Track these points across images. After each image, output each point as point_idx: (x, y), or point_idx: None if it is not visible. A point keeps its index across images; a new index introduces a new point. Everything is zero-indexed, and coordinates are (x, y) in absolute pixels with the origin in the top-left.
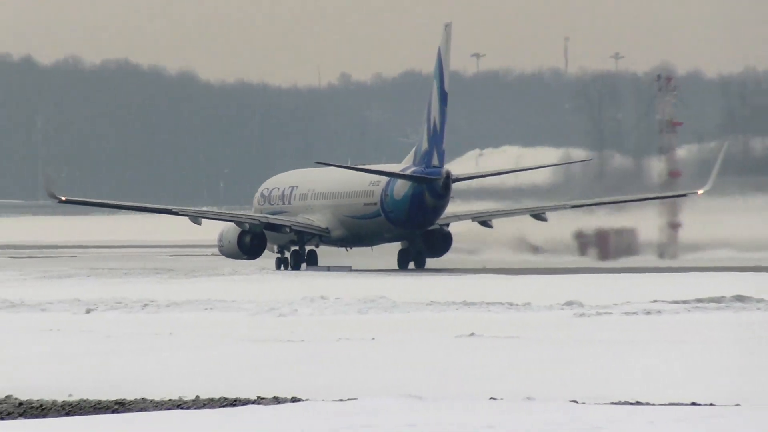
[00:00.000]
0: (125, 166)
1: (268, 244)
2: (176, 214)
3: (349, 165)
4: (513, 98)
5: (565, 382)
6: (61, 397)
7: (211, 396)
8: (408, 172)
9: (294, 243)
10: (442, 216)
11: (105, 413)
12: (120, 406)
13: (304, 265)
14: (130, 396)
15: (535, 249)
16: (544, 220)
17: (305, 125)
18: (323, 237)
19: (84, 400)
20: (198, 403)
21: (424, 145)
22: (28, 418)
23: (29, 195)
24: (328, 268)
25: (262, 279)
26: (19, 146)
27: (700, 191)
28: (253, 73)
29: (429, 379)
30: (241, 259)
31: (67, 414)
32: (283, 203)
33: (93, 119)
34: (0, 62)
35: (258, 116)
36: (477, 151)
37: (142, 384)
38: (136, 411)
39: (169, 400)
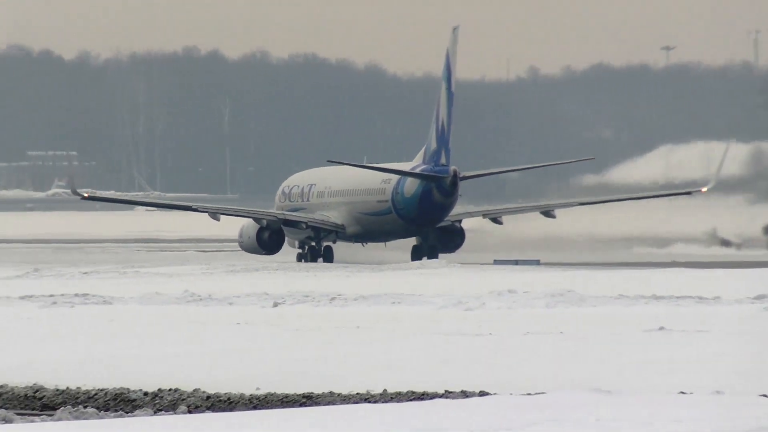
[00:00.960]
0: (309, 161)
1: (288, 240)
2: (196, 210)
3: (363, 164)
4: (701, 92)
5: (755, 376)
6: (248, 391)
7: (398, 390)
8: (417, 171)
9: (311, 239)
10: (455, 213)
11: (292, 407)
12: (307, 400)
13: (320, 260)
14: (317, 390)
15: (726, 243)
16: (553, 217)
17: (496, 119)
18: (339, 233)
19: (271, 394)
20: (385, 397)
21: (433, 145)
22: (216, 411)
23: (219, 189)
24: (516, 262)
25: (449, 273)
26: (205, 140)
27: (704, 189)
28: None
29: (617, 374)
30: (260, 254)
31: (255, 407)
32: (302, 200)
33: (278, 114)
34: (187, 56)
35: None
36: (669, 146)
37: (329, 377)
38: (324, 405)
39: (357, 393)
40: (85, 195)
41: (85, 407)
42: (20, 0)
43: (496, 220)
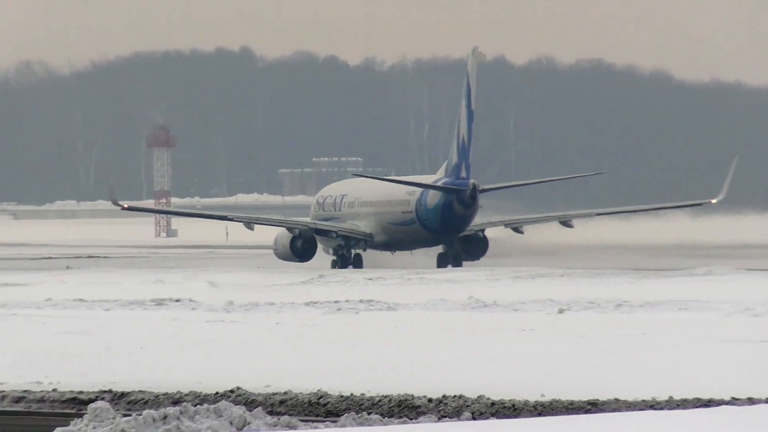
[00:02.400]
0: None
1: (323, 247)
2: (231, 219)
3: (386, 177)
4: None
5: None
6: (533, 398)
7: (684, 396)
8: (439, 184)
9: (341, 247)
10: (478, 222)
11: (577, 413)
12: (592, 407)
13: (350, 267)
14: (602, 396)
15: None
16: (571, 226)
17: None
18: (368, 242)
19: (556, 401)
20: (671, 404)
21: (454, 159)
22: (501, 417)
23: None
24: None
25: (736, 278)
26: (491, 145)
27: (714, 200)
28: (728, 72)
29: None
30: (294, 261)
31: (539, 414)
32: (335, 210)
33: (565, 120)
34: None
35: (730, 117)
36: None
37: (614, 384)
38: (609, 411)
39: (642, 400)
40: (125, 206)
41: (368, 414)
42: (306, 7)
43: (517, 230)
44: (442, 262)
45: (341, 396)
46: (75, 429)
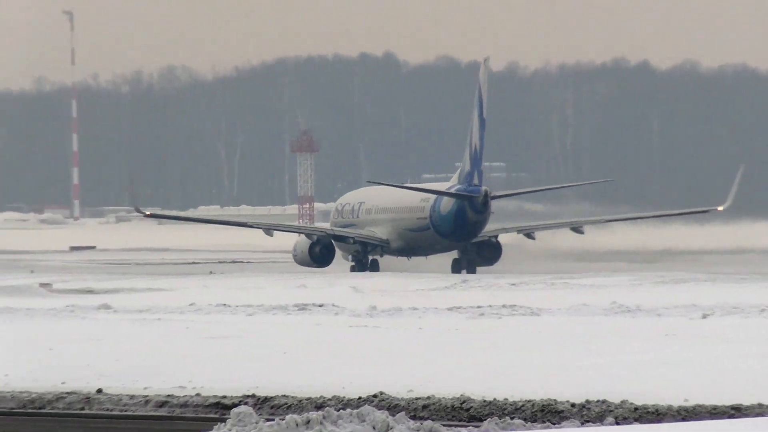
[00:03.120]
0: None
1: (342, 253)
2: (251, 226)
3: (400, 184)
4: None
5: None
6: (676, 402)
7: None
8: (452, 191)
9: (359, 253)
10: (492, 228)
11: (721, 418)
12: (736, 411)
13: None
14: (746, 401)
15: None
16: (582, 232)
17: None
18: (384, 247)
19: (700, 405)
20: None
21: (467, 166)
22: (644, 422)
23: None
24: None
25: None
26: (634, 149)
27: (720, 207)
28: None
29: None
30: (312, 266)
31: (683, 419)
32: (353, 217)
33: (710, 125)
34: (616, 67)
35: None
36: None
37: (758, 389)
38: (752, 416)
39: None
40: (147, 213)
41: (512, 418)
42: (449, 12)
43: (529, 236)
44: (456, 267)
45: (484, 401)
46: None
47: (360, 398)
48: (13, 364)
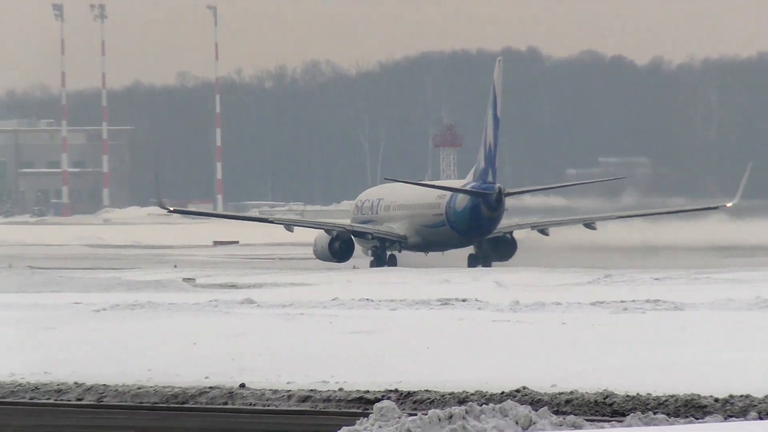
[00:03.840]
0: None
1: (362, 249)
2: (272, 222)
3: (416, 181)
4: None
5: None
6: None
7: None
8: (468, 188)
9: (377, 248)
10: (507, 225)
11: None
12: None
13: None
14: None
15: None
16: (594, 229)
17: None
18: (402, 243)
19: None
20: None
21: (482, 164)
22: None
23: None
24: None
25: None
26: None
27: (729, 204)
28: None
29: None
30: (332, 261)
31: None
32: (372, 213)
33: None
34: (760, 61)
35: None
36: None
37: None
38: None
39: None
40: (171, 209)
41: (654, 413)
42: (592, 7)
43: (543, 232)
44: (472, 262)
45: (627, 396)
46: (361, 428)
47: (503, 393)
48: (156, 359)
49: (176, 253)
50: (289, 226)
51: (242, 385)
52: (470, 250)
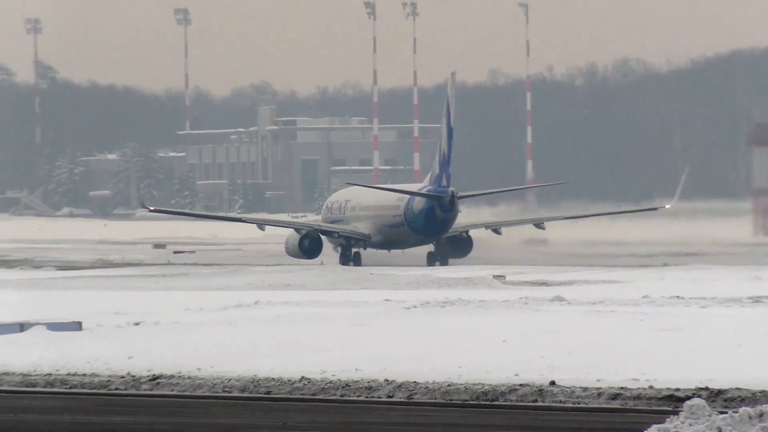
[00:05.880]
0: None
1: (333, 246)
2: (244, 221)
3: (377, 185)
4: None
5: None
6: None
7: None
8: (423, 191)
9: (343, 246)
10: (463, 224)
11: None
12: None
13: (351, 263)
14: None
15: None
16: (543, 228)
17: None
18: (366, 241)
19: None
20: None
21: (437, 170)
22: None
23: None
24: None
25: None
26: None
27: (668, 206)
28: None
29: None
30: (302, 258)
31: None
32: (340, 214)
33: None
34: None
35: None
36: None
37: None
38: None
39: None
40: (151, 208)
41: None
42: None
43: (496, 231)
44: (431, 260)
45: None
46: (671, 426)
47: None
48: (466, 356)
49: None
50: (260, 225)
51: (552, 383)
52: (429, 248)
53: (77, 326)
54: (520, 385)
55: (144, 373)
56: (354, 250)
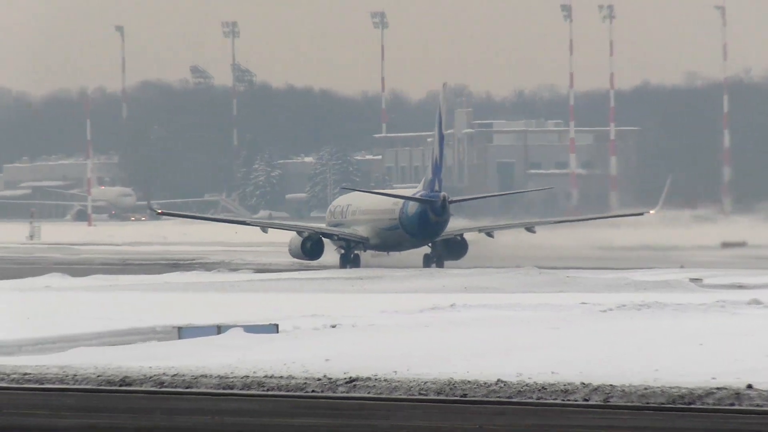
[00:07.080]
0: None
1: (336, 248)
2: (248, 224)
3: (372, 190)
4: None
5: None
6: None
7: None
8: (417, 196)
9: (344, 248)
10: (457, 228)
11: None
12: None
13: (349, 265)
14: None
15: None
16: (534, 232)
17: None
18: (365, 244)
19: None
20: None
21: (429, 175)
22: None
23: None
24: None
25: None
26: None
27: (652, 211)
28: None
29: None
30: (304, 259)
31: None
32: (341, 217)
33: None
34: None
35: None
36: None
37: None
38: None
39: None
40: (159, 211)
41: None
42: None
43: (489, 234)
44: (427, 262)
45: None
46: None
47: None
48: (663, 359)
49: (683, 253)
50: (263, 228)
51: (749, 386)
52: (426, 250)
53: (274, 329)
54: (717, 388)
55: (340, 376)
56: (354, 252)
